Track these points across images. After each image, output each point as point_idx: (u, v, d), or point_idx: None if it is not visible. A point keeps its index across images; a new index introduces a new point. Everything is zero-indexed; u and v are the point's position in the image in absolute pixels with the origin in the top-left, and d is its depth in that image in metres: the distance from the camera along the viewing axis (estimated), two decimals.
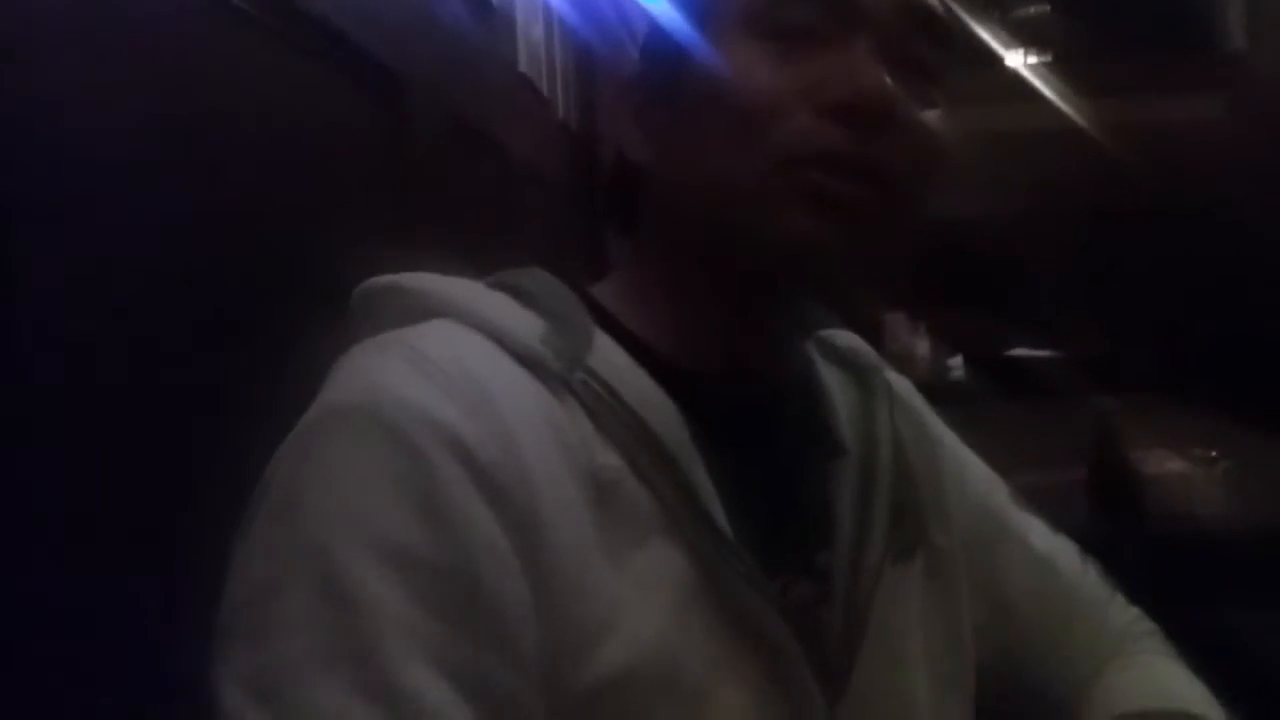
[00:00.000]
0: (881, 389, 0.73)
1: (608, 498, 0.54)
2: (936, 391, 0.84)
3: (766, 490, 0.62)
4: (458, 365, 0.53)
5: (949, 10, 0.63)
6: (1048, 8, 4.23)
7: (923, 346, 3.14)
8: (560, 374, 0.56)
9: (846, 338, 0.77)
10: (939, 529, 0.71)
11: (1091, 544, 0.85)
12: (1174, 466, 1.63)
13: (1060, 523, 0.83)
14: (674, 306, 0.64)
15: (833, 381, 0.73)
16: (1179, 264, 3.45)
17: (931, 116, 0.61)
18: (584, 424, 0.55)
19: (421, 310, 0.58)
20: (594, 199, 2.56)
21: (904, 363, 3.00)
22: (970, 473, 0.80)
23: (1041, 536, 0.80)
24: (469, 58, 1.80)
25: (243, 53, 0.91)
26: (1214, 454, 1.62)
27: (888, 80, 0.57)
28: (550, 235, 2.29)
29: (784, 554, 0.62)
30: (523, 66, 2.26)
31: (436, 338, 0.55)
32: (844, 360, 0.75)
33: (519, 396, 0.54)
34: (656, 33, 0.67)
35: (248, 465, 0.53)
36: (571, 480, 0.53)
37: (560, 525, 0.51)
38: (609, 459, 0.55)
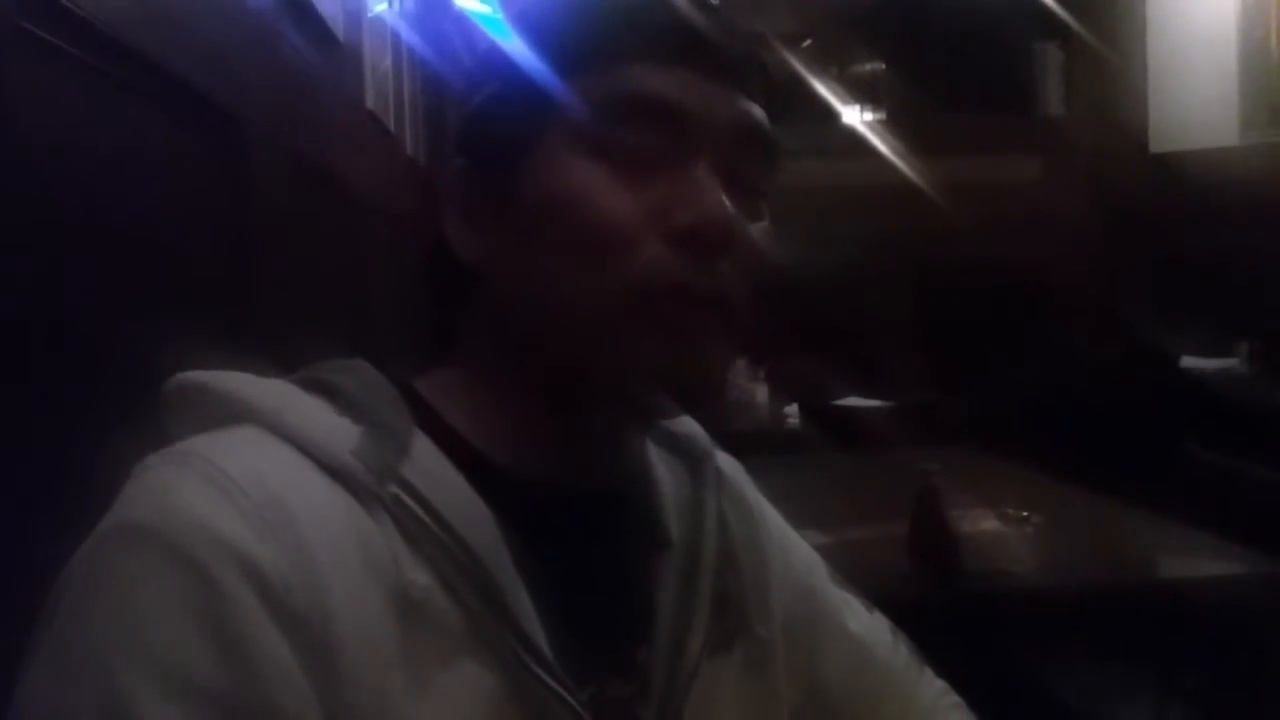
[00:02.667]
0: (711, 476, 0.73)
1: (415, 617, 0.53)
2: (773, 440, 0.86)
3: (587, 590, 0.62)
4: (258, 483, 0.51)
5: (774, 124, 0.64)
6: (883, 66, 4.42)
7: (762, 394, 3.21)
8: (371, 488, 0.54)
9: (679, 421, 0.76)
10: (760, 619, 0.72)
11: (910, 599, 0.88)
12: (988, 525, 1.71)
13: (883, 577, 0.86)
14: (502, 408, 0.62)
15: (662, 468, 0.72)
16: (1000, 318, 3.64)
17: (758, 231, 0.62)
18: (394, 539, 0.54)
19: (229, 415, 0.56)
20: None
21: (744, 410, 3.06)
22: (793, 555, 0.81)
23: (857, 618, 0.82)
24: (312, 94, 1.76)
25: (57, 92, 0.84)
26: (1025, 514, 1.71)
27: (728, 203, 0.58)
28: (396, 274, 2.25)
29: (602, 654, 0.62)
30: (370, 103, 2.23)
31: (239, 451, 0.53)
32: (675, 445, 0.75)
33: (324, 515, 0.52)
34: (482, 130, 0.65)
35: (49, 556, 0.51)
36: (377, 600, 0.52)
37: (359, 650, 0.50)
38: (418, 576, 0.54)
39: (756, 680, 0.71)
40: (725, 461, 0.78)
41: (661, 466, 0.72)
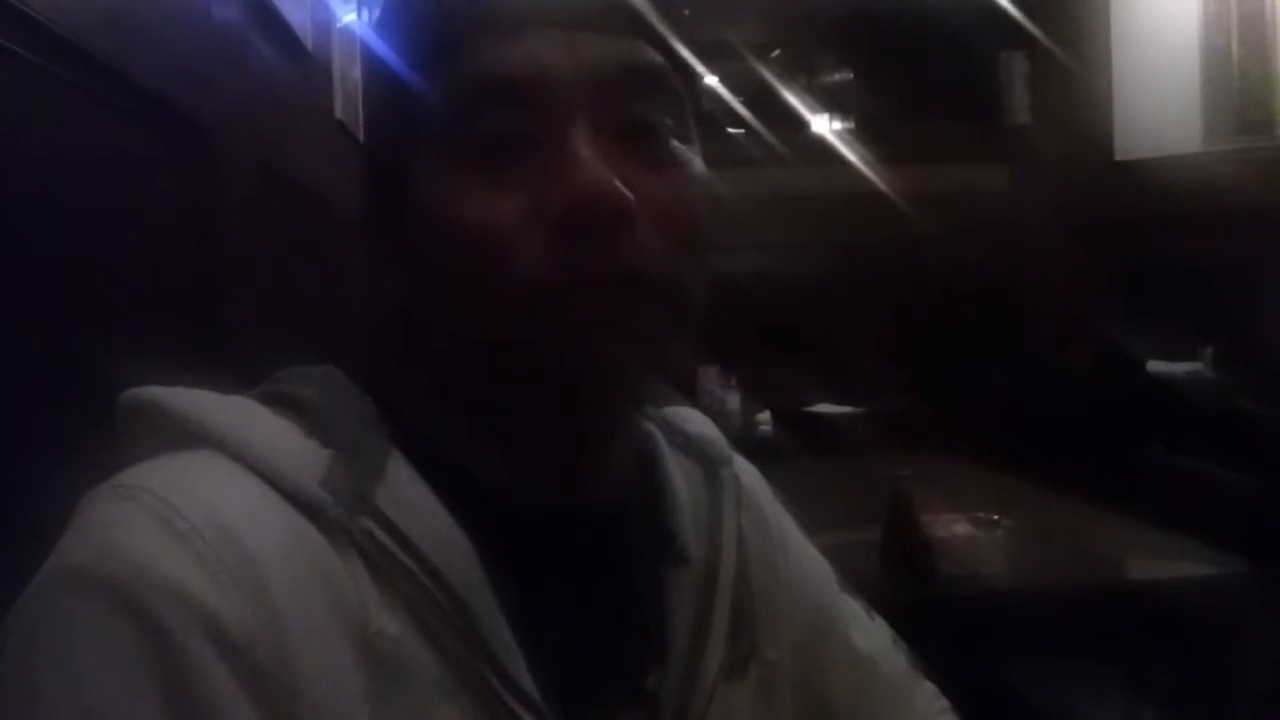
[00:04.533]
0: (729, 485, 0.68)
1: (385, 669, 0.49)
2: (745, 447, 0.81)
3: (590, 613, 0.58)
4: (215, 523, 0.46)
5: (669, 53, 0.55)
6: (851, 76, 4.45)
7: (733, 401, 3.21)
8: (340, 522, 0.50)
9: (696, 422, 0.71)
10: (770, 641, 0.69)
11: (883, 603, 0.88)
12: (959, 529, 1.73)
13: (855, 582, 0.85)
14: (470, 422, 0.58)
15: (679, 474, 0.67)
16: (969, 324, 3.67)
17: (674, 177, 0.55)
18: (363, 581, 0.50)
19: (184, 437, 0.51)
20: None
21: (715, 416, 3.06)
22: (805, 570, 0.77)
23: (862, 630, 0.78)
24: (281, 104, 1.75)
25: (19, 99, 0.82)
26: (995, 518, 1.73)
27: (605, 170, 0.50)
28: (364, 284, 2.24)
29: (607, 683, 0.58)
30: (339, 113, 2.22)
31: (193, 483, 0.49)
32: (692, 450, 0.69)
33: (288, 554, 0.48)
34: (370, 156, 0.60)
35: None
36: (344, 650, 0.48)
37: (325, 706, 0.46)
38: (388, 624, 0.49)
39: (766, 702, 0.67)
40: (743, 468, 0.74)
41: (678, 473, 0.67)
